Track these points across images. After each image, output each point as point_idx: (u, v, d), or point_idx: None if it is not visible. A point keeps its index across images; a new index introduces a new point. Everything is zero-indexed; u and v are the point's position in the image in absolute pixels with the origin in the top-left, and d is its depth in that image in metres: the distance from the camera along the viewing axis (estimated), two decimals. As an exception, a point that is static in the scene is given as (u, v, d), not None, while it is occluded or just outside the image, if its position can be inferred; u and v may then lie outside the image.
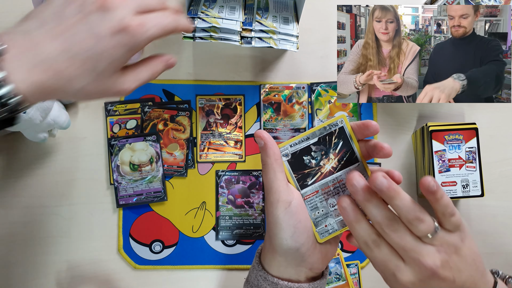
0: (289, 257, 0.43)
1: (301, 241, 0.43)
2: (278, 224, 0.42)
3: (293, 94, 0.67)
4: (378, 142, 0.42)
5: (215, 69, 0.68)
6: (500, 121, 0.68)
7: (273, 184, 0.42)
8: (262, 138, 0.43)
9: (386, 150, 0.42)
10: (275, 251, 0.44)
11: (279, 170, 0.43)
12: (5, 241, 0.65)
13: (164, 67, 0.43)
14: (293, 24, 0.59)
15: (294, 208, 0.42)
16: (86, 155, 0.66)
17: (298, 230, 0.42)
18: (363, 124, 0.43)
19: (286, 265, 0.44)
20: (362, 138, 0.44)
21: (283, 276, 0.44)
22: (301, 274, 0.45)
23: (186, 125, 0.67)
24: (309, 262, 0.44)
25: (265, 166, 0.43)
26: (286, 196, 0.42)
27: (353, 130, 0.43)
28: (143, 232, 0.65)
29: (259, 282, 0.45)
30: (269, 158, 0.43)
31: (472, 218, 0.67)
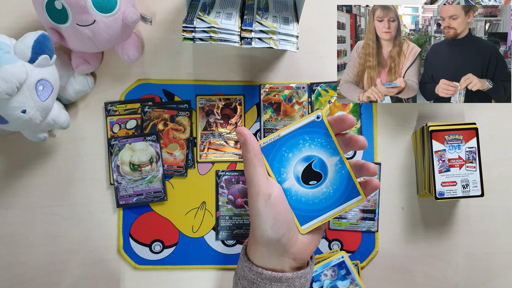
0: (271, 247, 0.45)
1: (281, 232, 0.44)
2: (258, 216, 0.44)
3: (293, 94, 0.67)
4: (354, 134, 0.45)
5: (215, 69, 0.68)
6: (500, 121, 0.68)
7: (253, 178, 0.45)
8: (242, 134, 0.45)
9: (361, 142, 0.44)
10: (258, 242, 0.46)
11: (258, 165, 0.45)
12: (5, 241, 0.65)
13: None
14: (293, 24, 0.59)
15: (274, 200, 0.44)
16: (86, 155, 0.66)
17: (278, 222, 0.44)
18: (339, 118, 0.45)
19: (269, 255, 0.46)
20: (339, 131, 0.46)
21: (267, 266, 0.46)
22: (285, 264, 0.46)
23: (186, 125, 0.67)
24: (292, 252, 0.46)
25: (246, 160, 0.45)
26: (265, 189, 0.44)
27: (330, 124, 0.46)
28: (143, 232, 0.65)
29: (245, 273, 0.47)
30: (248, 153, 0.45)
31: (472, 218, 0.67)
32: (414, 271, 0.66)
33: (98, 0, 0.56)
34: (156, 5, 0.69)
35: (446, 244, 0.66)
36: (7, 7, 0.68)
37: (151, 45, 0.68)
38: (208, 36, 0.57)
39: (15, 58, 0.51)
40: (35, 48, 0.52)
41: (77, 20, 0.56)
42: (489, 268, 0.66)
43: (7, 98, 0.50)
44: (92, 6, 0.56)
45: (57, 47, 0.64)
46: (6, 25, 0.67)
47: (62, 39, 0.60)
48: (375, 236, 0.66)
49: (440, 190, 0.60)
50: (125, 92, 0.67)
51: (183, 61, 0.68)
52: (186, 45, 0.68)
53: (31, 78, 0.52)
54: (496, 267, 0.66)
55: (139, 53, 0.65)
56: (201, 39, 0.58)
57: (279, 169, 0.46)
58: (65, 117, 0.60)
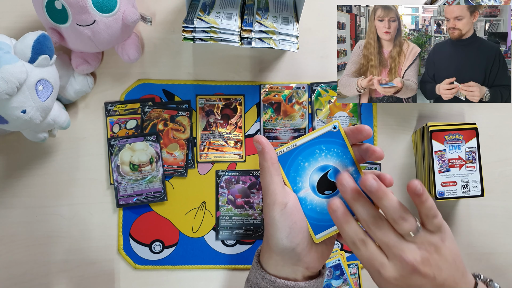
0: (286, 256, 0.45)
1: (296, 241, 0.44)
2: (274, 225, 0.44)
3: (293, 94, 0.67)
4: (371, 145, 0.45)
5: (215, 69, 0.68)
6: (500, 121, 0.68)
7: (269, 187, 0.44)
8: (260, 142, 0.45)
9: (378, 154, 0.44)
10: (272, 250, 0.46)
11: (275, 174, 0.45)
12: (5, 241, 0.65)
13: None
14: (293, 24, 0.59)
15: (289, 209, 0.44)
16: (86, 155, 0.66)
17: (293, 231, 0.44)
18: (356, 128, 0.45)
19: (283, 264, 0.46)
20: (355, 142, 0.46)
21: (280, 275, 0.46)
22: (298, 273, 0.46)
23: (186, 125, 0.67)
24: (305, 261, 0.45)
25: (263, 169, 0.45)
26: (282, 198, 0.44)
27: (346, 135, 0.45)
28: (143, 232, 0.65)
29: (258, 281, 0.47)
30: (266, 162, 0.45)
31: (472, 218, 0.67)
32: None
33: (98, 0, 0.56)
34: (156, 5, 0.69)
35: (446, 244, 0.66)
36: (7, 7, 0.67)
37: (151, 45, 0.68)
38: (208, 36, 0.57)
39: (15, 58, 0.51)
40: (35, 48, 0.52)
41: (77, 20, 0.56)
42: (489, 268, 0.66)
43: (7, 98, 0.50)
44: (92, 6, 0.56)
45: (57, 47, 0.64)
46: (6, 25, 0.67)
47: (62, 39, 0.60)
48: (375, 236, 0.66)
49: (440, 190, 0.60)
50: (125, 92, 0.67)
51: (183, 61, 0.68)
52: (186, 45, 0.68)
53: (31, 78, 0.52)
54: (496, 267, 0.66)
55: (139, 53, 0.65)
56: (201, 39, 0.58)
57: (295, 178, 0.46)
58: (65, 117, 0.60)
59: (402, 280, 0.41)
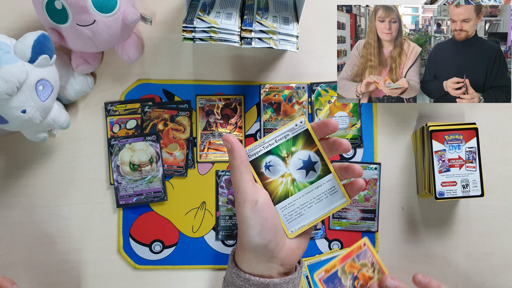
0: (259, 253, 0.45)
1: (268, 238, 0.45)
2: (245, 223, 0.44)
3: (293, 94, 0.67)
4: (337, 138, 0.45)
5: (215, 69, 0.68)
6: (500, 121, 0.68)
7: (240, 185, 0.45)
8: (229, 141, 0.45)
9: (344, 146, 0.45)
10: (245, 248, 0.46)
11: (245, 172, 0.45)
12: (5, 241, 0.65)
13: None
14: (293, 24, 0.59)
15: (260, 206, 0.44)
16: (86, 155, 0.66)
17: (265, 228, 0.44)
18: (322, 123, 0.45)
19: (256, 261, 0.46)
20: (323, 136, 0.47)
21: (255, 272, 0.46)
22: (273, 270, 0.46)
23: (186, 125, 0.67)
24: (279, 258, 0.46)
25: (232, 168, 0.45)
26: (252, 196, 0.44)
27: (313, 129, 0.46)
28: (143, 232, 0.65)
29: (233, 279, 0.47)
30: (235, 160, 0.45)
31: (472, 218, 0.67)
32: (414, 271, 0.66)
33: (98, 0, 0.56)
34: (156, 5, 0.69)
35: (446, 244, 0.66)
36: (7, 7, 0.67)
37: (151, 45, 0.68)
38: (208, 36, 0.57)
39: (15, 58, 0.51)
40: (35, 48, 0.52)
41: (77, 20, 0.56)
42: (489, 268, 0.66)
43: (7, 98, 0.50)
44: (92, 6, 0.56)
45: (57, 47, 0.64)
46: (6, 25, 0.67)
47: (62, 39, 0.60)
48: (375, 236, 0.66)
49: (440, 190, 0.60)
50: (125, 92, 0.67)
51: (183, 61, 0.68)
52: (186, 45, 0.68)
53: (31, 78, 0.52)
54: (496, 267, 0.66)
55: (139, 53, 0.65)
56: (201, 39, 0.58)
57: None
58: (65, 117, 0.60)
59: None
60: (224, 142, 0.46)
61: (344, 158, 0.67)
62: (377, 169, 0.67)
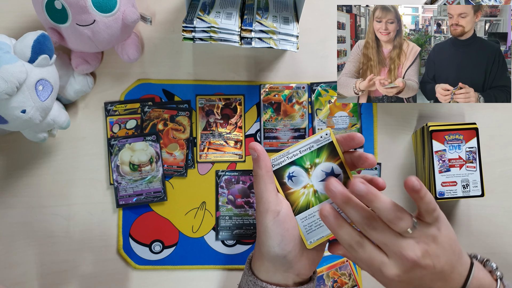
0: (277, 263, 0.45)
1: (288, 249, 0.45)
2: (266, 233, 0.44)
3: (293, 94, 0.67)
4: (363, 153, 0.45)
5: (215, 69, 0.68)
6: (500, 121, 0.68)
7: (263, 195, 0.45)
8: (256, 150, 0.45)
9: (370, 161, 0.44)
10: (263, 257, 0.46)
11: (269, 182, 0.45)
12: (5, 241, 0.65)
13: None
14: (293, 24, 0.59)
15: (282, 217, 0.44)
16: (86, 155, 0.66)
17: (285, 239, 0.44)
18: (348, 136, 0.45)
19: (274, 270, 0.46)
20: (347, 149, 0.46)
21: (271, 281, 0.46)
22: (289, 279, 0.46)
23: (186, 125, 0.67)
24: (296, 268, 0.46)
25: (257, 177, 0.45)
26: (274, 206, 0.44)
27: (338, 142, 0.46)
28: (143, 232, 0.65)
29: (249, 287, 0.47)
30: (260, 170, 0.45)
31: (472, 218, 0.67)
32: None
33: (98, 0, 0.56)
34: (156, 5, 0.69)
35: (446, 244, 0.66)
36: (7, 7, 0.67)
37: (151, 45, 0.68)
38: (208, 36, 0.57)
39: (15, 58, 0.51)
40: (35, 48, 0.52)
41: (77, 20, 0.56)
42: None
43: (7, 98, 0.50)
44: (92, 6, 0.56)
45: (57, 47, 0.64)
46: (6, 25, 0.67)
47: (62, 39, 0.60)
48: (375, 236, 0.66)
49: (440, 190, 0.60)
50: (125, 92, 0.67)
51: (183, 61, 0.68)
52: (186, 45, 0.68)
53: (31, 78, 0.52)
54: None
55: (139, 53, 0.65)
56: (201, 39, 0.58)
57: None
58: (65, 117, 0.60)
59: (404, 275, 0.42)
60: (251, 151, 0.45)
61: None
62: (377, 169, 0.67)
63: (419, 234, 0.42)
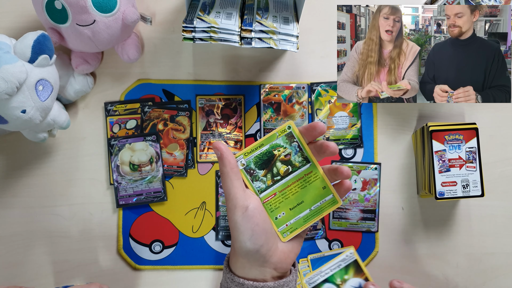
0: (251, 258, 0.46)
1: (259, 243, 0.45)
2: (236, 229, 0.45)
3: (293, 94, 0.67)
4: (324, 141, 0.46)
5: (215, 69, 0.68)
6: (500, 121, 0.68)
7: (230, 191, 0.45)
8: (219, 148, 0.46)
9: (332, 148, 0.45)
10: (237, 253, 0.46)
11: (235, 178, 0.45)
12: (5, 241, 0.65)
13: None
14: (293, 24, 0.59)
15: (251, 212, 0.45)
16: (86, 155, 0.66)
17: (256, 233, 0.45)
18: (310, 126, 0.46)
19: (249, 266, 0.46)
20: (312, 139, 0.47)
21: (248, 277, 0.47)
22: (266, 274, 0.47)
23: (186, 125, 0.67)
24: (272, 262, 0.46)
25: (223, 175, 0.46)
26: (242, 202, 0.45)
27: (302, 133, 0.47)
28: (143, 232, 0.65)
29: (228, 284, 0.47)
30: (225, 167, 0.45)
31: (472, 218, 0.67)
32: (414, 271, 0.66)
33: (98, 0, 0.56)
34: (156, 5, 0.69)
35: (446, 244, 0.66)
36: (7, 7, 0.68)
37: (151, 45, 0.68)
38: (208, 36, 0.57)
39: (15, 58, 0.51)
40: (35, 48, 0.52)
41: (77, 20, 0.56)
42: (489, 268, 0.66)
43: (7, 98, 0.50)
44: (92, 6, 0.56)
45: (57, 47, 0.64)
46: (6, 25, 0.67)
47: (62, 39, 0.60)
48: (375, 236, 0.66)
49: (440, 190, 0.60)
50: (125, 92, 0.67)
51: (183, 61, 0.68)
52: (186, 45, 0.68)
53: (31, 78, 0.52)
54: (496, 267, 0.66)
55: (139, 53, 0.65)
56: (201, 39, 0.58)
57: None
58: (65, 117, 0.60)
59: None
60: (214, 150, 0.46)
61: (344, 159, 0.67)
62: (377, 169, 0.67)
63: None
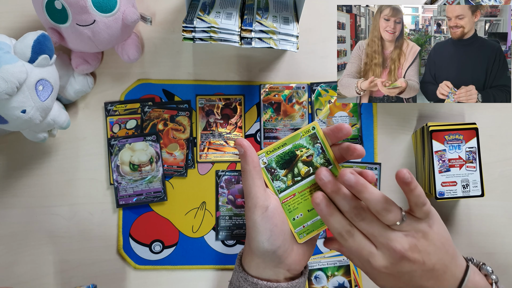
0: (267, 258, 0.45)
1: (277, 244, 0.45)
2: (255, 228, 0.44)
3: (293, 94, 0.67)
4: (351, 144, 0.45)
5: (215, 69, 0.68)
6: (500, 121, 0.68)
7: (251, 190, 0.45)
8: (242, 146, 0.45)
9: (358, 151, 0.44)
10: (253, 253, 0.46)
11: (257, 177, 0.45)
12: (5, 241, 0.65)
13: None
14: (293, 24, 0.59)
15: (270, 212, 0.44)
16: (86, 155, 0.66)
17: (274, 234, 0.44)
18: (336, 127, 0.45)
19: (264, 266, 0.46)
20: (336, 141, 0.46)
21: (262, 277, 0.46)
22: (280, 274, 0.46)
23: (186, 125, 0.67)
24: (286, 263, 0.46)
25: (244, 172, 0.45)
26: (263, 201, 0.44)
27: (326, 134, 0.46)
28: (143, 232, 0.65)
29: (240, 283, 0.47)
30: (248, 165, 0.45)
31: (472, 218, 0.67)
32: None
33: (98, 0, 0.56)
34: (156, 5, 0.69)
35: (446, 244, 0.66)
36: (7, 7, 0.68)
37: (151, 45, 0.68)
38: (208, 36, 0.57)
39: (15, 58, 0.51)
40: (35, 48, 0.52)
41: (77, 20, 0.56)
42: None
43: (7, 98, 0.50)
44: (92, 6, 0.56)
45: (57, 47, 0.64)
46: (6, 25, 0.67)
47: (62, 39, 0.60)
48: (375, 236, 0.66)
49: (440, 190, 0.60)
50: (125, 92, 0.67)
51: (183, 61, 0.68)
52: (186, 45, 0.68)
53: (31, 78, 0.52)
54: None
55: (139, 53, 0.65)
56: (201, 39, 0.58)
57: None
58: (65, 117, 0.60)
59: (392, 267, 0.42)
60: (237, 147, 0.45)
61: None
62: (377, 169, 0.67)
63: (408, 228, 0.42)
